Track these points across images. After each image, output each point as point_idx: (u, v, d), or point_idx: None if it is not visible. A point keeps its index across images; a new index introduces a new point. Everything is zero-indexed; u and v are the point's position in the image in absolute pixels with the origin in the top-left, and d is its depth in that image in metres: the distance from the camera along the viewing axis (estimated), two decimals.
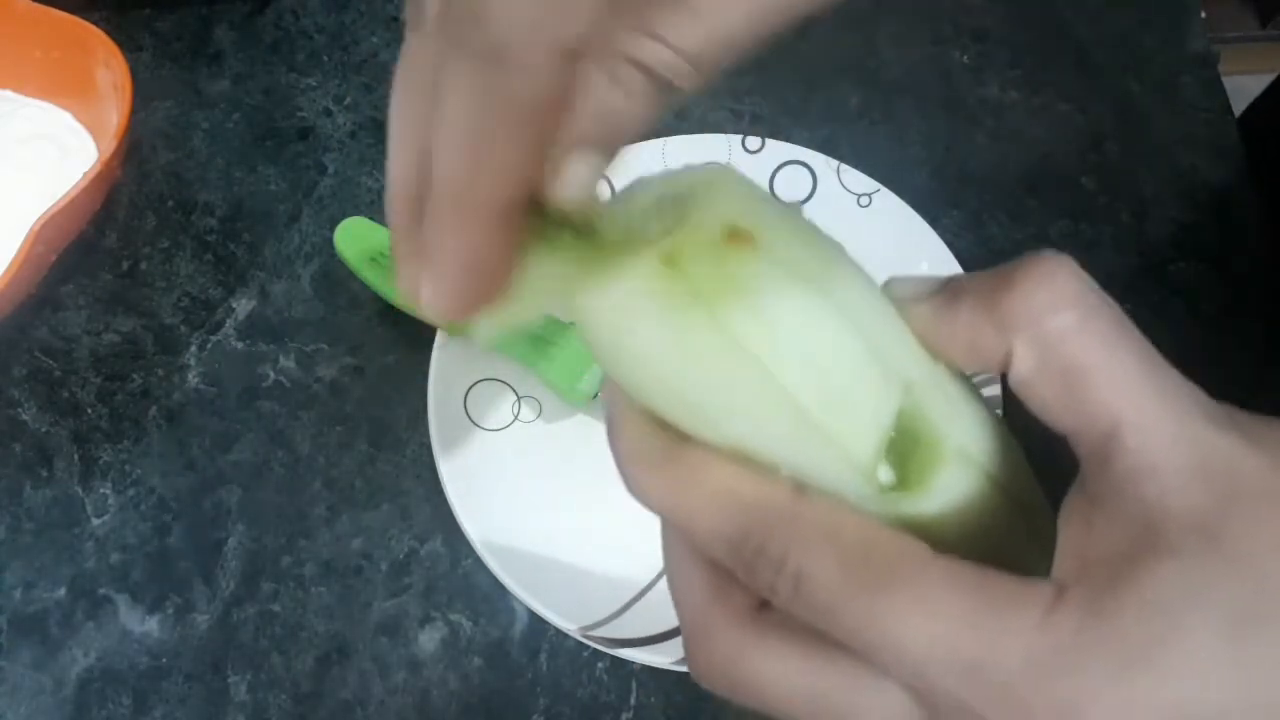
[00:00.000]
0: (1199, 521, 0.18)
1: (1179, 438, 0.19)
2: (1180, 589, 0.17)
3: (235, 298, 0.51)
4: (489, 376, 0.47)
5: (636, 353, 0.21)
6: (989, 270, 0.21)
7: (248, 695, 0.43)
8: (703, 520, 0.21)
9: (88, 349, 0.49)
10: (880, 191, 0.50)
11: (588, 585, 0.42)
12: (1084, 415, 0.20)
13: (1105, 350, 0.20)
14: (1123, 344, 0.20)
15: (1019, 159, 0.55)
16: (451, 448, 0.45)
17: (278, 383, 0.49)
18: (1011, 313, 0.20)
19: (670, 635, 0.41)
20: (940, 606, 0.18)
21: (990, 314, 0.20)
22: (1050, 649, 0.17)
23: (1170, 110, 0.56)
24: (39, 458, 0.47)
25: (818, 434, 0.20)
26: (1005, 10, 0.59)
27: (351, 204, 0.53)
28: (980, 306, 0.21)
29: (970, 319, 0.21)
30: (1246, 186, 0.54)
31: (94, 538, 0.45)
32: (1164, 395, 0.19)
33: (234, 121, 0.55)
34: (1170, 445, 0.19)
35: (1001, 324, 0.20)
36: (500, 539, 0.43)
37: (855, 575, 0.19)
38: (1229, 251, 0.52)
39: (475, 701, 0.43)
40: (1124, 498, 0.19)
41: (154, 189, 0.53)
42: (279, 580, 0.45)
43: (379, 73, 0.57)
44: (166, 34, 0.58)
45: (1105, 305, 0.20)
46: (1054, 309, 0.20)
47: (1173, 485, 0.18)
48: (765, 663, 0.21)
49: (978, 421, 0.22)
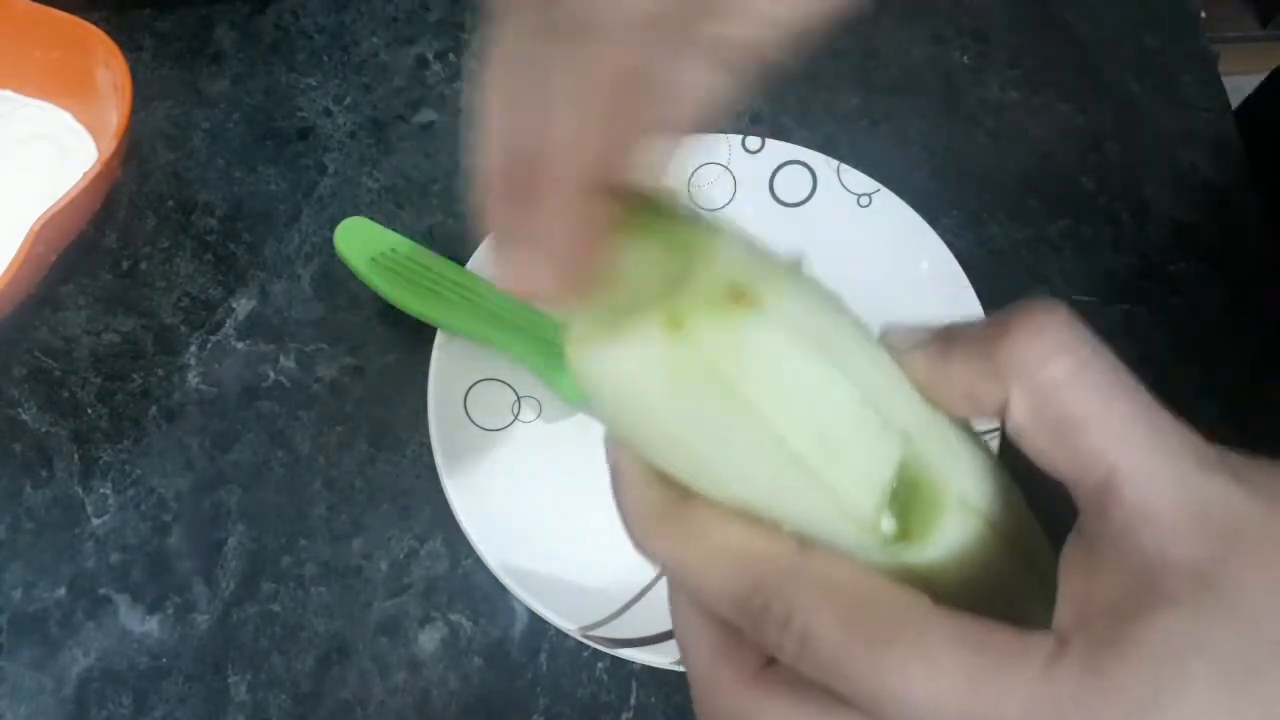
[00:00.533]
0: (1196, 570, 0.18)
1: (1175, 485, 0.19)
2: (1180, 640, 0.18)
3: (235, 298, 0.51)
4: (489, 376, 0.47)
5: (642, 412, 0.21)
6: (984, 319, 0.22)
7: (248, 695, 0.43)
8: (708, 577, 0.21)
9: (88, 349, 0.49)
10: (880, 191, 0.50)
11: (588, 585, 0.42)
12: (1079, 464, 0.20)
13: (1099, 399, 0.20)
14: (1117, 392, 0.20)
15: (1019, 159, 0.55)
16: (451, 448, 0.44)
17: (278, 383, 0.49)
18: (1006, 362, 0.20)
19: (670, 635, 0.41)
20: (941, 661, 0.18)
21: (985, 363, 0.21)
22: (1051, 703, 0.18)
23: (1170, 110, 0.56)
24: (39, 458, 0.47)
25: (821, 489, 0.21)
26: (1005, 10, 0.59)
27: (351, 204, 0.53)
28: (975, 355, 0.21)
29: (966, 368, 0.21)
30: (1246, 186, 0.54)
31: (94, 538, 0.45)
32: (1159, 442, 0.19)
33: (234, 121, 0.55)
34: (1167, 493, 0.19)
35: (997, 372, 0.21)
36: (500, 539, 0.43)
37: (858, 631, 0.19)
38: (1229, 251, 0.52)
39: (475, 701, 0.43)
40: (1122, 547, 0.19)
41: (154, 189, 0.53)
42: (279, 580, 0.45)
43: (379, 73, 0.57)
44: (166, 34, 0.58)
45: (1099, 354, 0.20)
46: (1048, 359, 0.20)
47: (1170, 534, 0.19)
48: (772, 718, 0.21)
49: (977, 468, 0.22)
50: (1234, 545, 0.18)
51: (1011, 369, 0.20)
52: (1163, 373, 0.47)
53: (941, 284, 0.48)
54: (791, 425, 0.20)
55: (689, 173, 0.49)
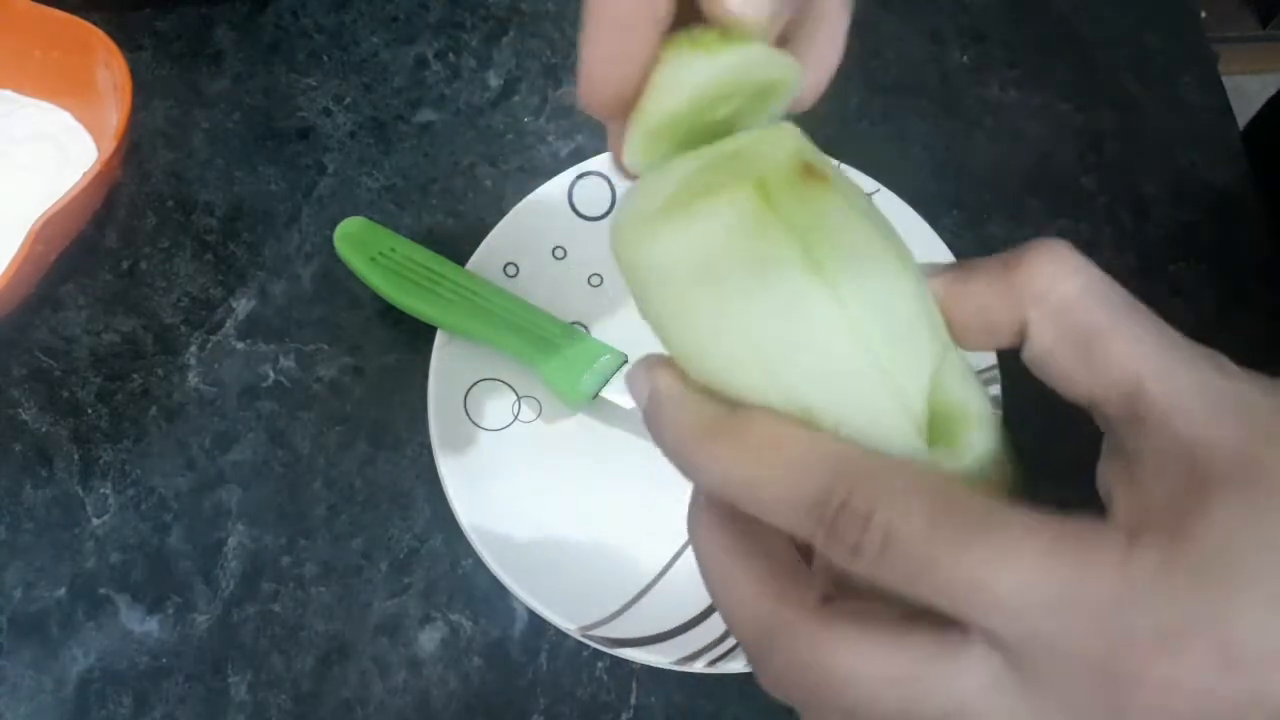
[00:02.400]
0: (1238, 452, 0.19)
1: (1200, 385, 0.20)
2: (1240, 520, 0.18)
3: (235, 297, 0.51)
4: (489, 376, 0.47)
5: (715, 292, 0.20)
6: (997, 255, 0.22)
7: (248, 695, 0.43)
8: (775, 486, 0.20)
9: (88, 349, 0.49)
10: (880, 191, 0.50)
11: (588, 585, 0.42)
12: (1108, 377, 0.21)
13: (1116, 312, 0.21)
14: (1129, 309, 0.21)
15: (1019, 159, 0.55)
16: (451, 447, 0.45)
17: (278, 382, 0.49)
18: (1023, 284, 0.21)
19: (670, 635, 0.41)
20: (1026, 553, 0.18)
21: (1004, 285, 0.22)
22: (1135, 587, 0.18)
23: (1170, 110, 0.56)
24: (39, 458, 0.47)
25: (884, 379, 0.21)
26: (1005, 10, 0.59)
27: (351, 204, 0.53)
28: (993, 281, 0.22)
29: (983, 294, 0.22)
30: (1246, 186, 0.54)
31: (94, 538, 0.45)
32: (1177, 352, 0.21)
33: (234, 121, 0.55)
34: (1194, 389, 0.20)
35: (1014, 296, 0.21)
36: (500, 538, 0.43)
37: (943, 527, 0.19)
38: (1229, 251, 0.52)
39: (475, 701, 0.43)
40: (1163, 445, 0.20)
41: (154, 189, 0.53)
42: (279, 580, 0.45)
43: (379, 72, 0.57)
44: (166, 34, 0.58)
45: (1107, 278, 0.22)
46: (1063, 277, 0.21)
47: (1205, 424, 0.19)
48: (848, 654, 0.20)
49: (982, 391, 0.23)
50: (1264, 432, 0.19)
51: (1030, 290, 0.21)
52: None
53: (909, 233, 0.49)
54: (862, 302, 0.20)
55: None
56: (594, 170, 0.50)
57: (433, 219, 0.53)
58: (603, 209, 0.50)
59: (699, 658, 0.40)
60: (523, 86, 0.56)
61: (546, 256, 0.50)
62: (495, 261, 0.49)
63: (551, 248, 0.50)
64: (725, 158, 0.22)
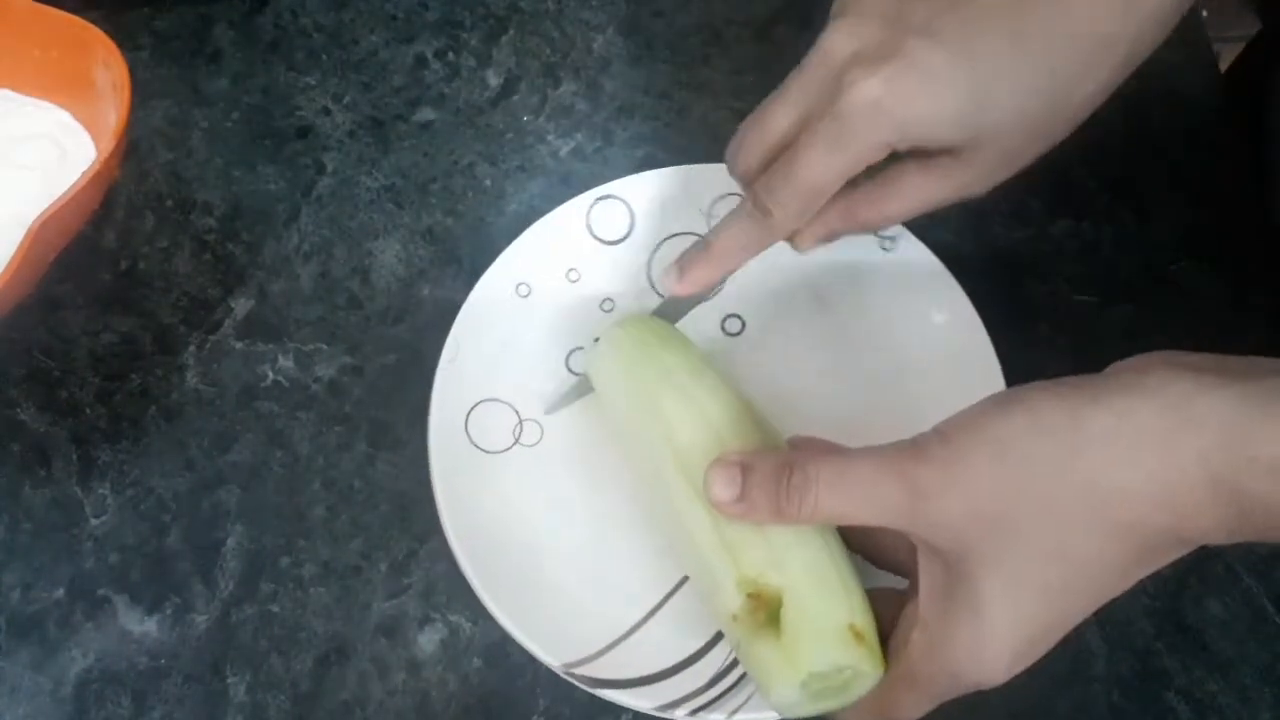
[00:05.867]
0: (980, 533, 0.31)
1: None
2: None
3: (234, 297, 0.51)
4: (491, 397, 0.46)
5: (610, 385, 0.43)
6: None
7: (246, 696, 0.43)
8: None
9: (86, 349, 0.49)
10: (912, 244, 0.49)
11: (573, 620, 0.41)
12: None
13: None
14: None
15: None
16: (450, 467, 0.43)
17: (276, 383, 0.49)
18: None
19: (653, 679, 0.40)
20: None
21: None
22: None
23: (1170, 110, 0.56)
24: (37, 458, 0.47)
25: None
26: None
27: (350, 203, 0.53)
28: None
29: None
30: (1246, 186, 0.54)
31: (93, 538, 0.45)
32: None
33: (233, 120, 0.55)
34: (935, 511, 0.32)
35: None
36: (490, 564, 0.41)
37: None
38: (1229, 251, 0.52)
39: (475, 702, 0.43)
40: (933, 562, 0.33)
41: (153, 188, 0.53)
42: (278, 581, 0.45)
43: (378, 71, 0.57)
44: (165, 33, 0.57)
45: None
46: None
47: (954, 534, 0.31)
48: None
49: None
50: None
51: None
52: None
53: (932, 281, 0.48)
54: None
55: (710, 200, 0.49)
56: (613, 195, 0.49)
57: (432, 218, 0.53)
58: (620, 233, 0.49)
59: (681, 705, 0.39)
60: (522, 85, 0.56)
61: (560, 278, 0.49)
62: (508, 280, 0.47)
63: (566, 269, 0.49)
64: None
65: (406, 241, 0.52)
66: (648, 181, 0.49)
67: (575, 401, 0.46)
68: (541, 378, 0.47)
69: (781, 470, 0.33)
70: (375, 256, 0.52)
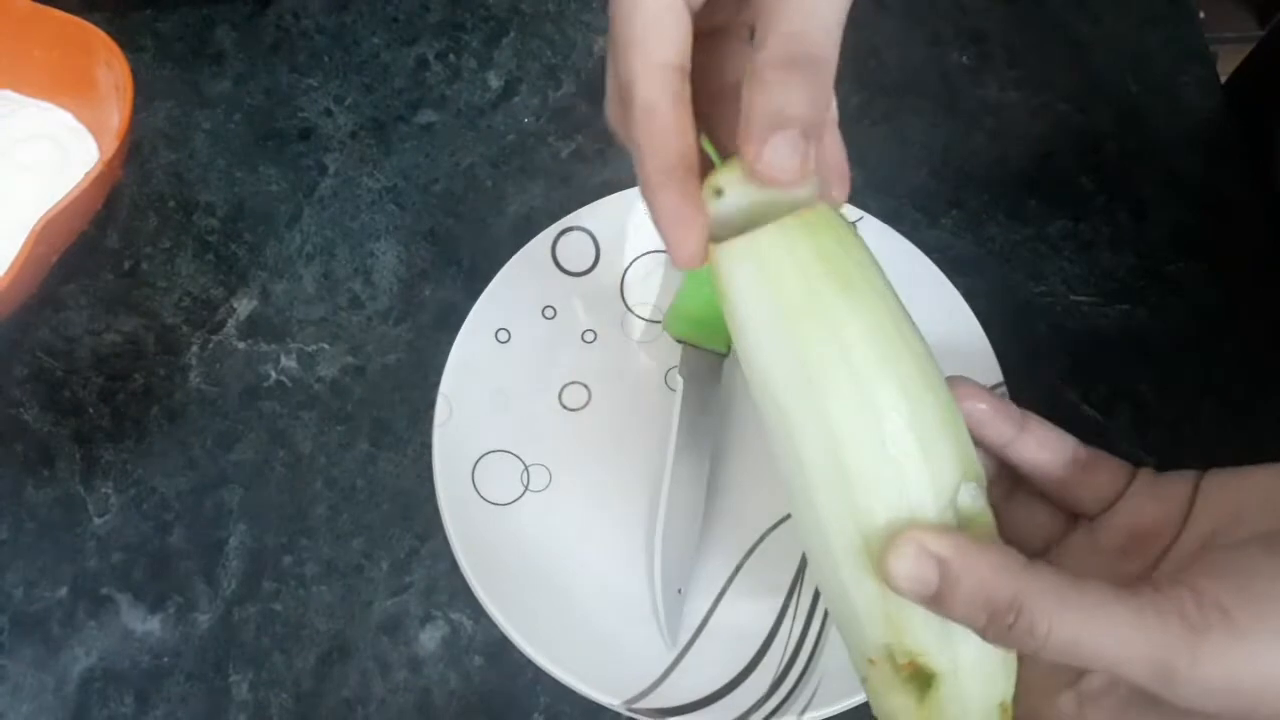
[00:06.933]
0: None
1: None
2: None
3: (236, 297, 0.51)
4: (494, 448, 0.46)
5: (777, 292, 0.29)
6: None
7: (249, 694, 0.43)
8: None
9: (89, 349, 0.49)
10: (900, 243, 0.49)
11: (626, 655, 0.41)
12: None
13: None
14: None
15: (1019, 159, 0.55)
16: (465, 529, 0.43)
17: (279, 382, 0.49)
18: None
19: (718, 696, 0.40)
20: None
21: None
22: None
23: (1170, 110, 0.56)
24: (41, 457, 0.47)
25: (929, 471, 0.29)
26: (1004, 11, 0.59)
27: (352, 204, 0.53)
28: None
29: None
30: (1246, 186, 0.54)
31: (96, 537, 0.46)
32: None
33: (235, 122, 0.55)
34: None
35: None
36: (529, 619, 0.41)
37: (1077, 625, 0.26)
38: (1229, 251, 0.52)
39: (476, 700, 0.43)
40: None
41: (155, 189, 0.53)
42: (280, 579, 0.45)
43: (380, 73, 0.57)
44: (168, 34, 0.58)
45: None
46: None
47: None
48: None
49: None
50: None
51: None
52: (1163, 373, 0.47)
53: (930, 281, 0.48)
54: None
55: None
56: (576, 226, 0.49)
57: (433, 219, 0.53)
58: (588, 263, 0.49)
59: (754, 713, 0.39)
60: (523, 87, 0.57)
61: (537, 317, 0.48)
62: (487, 328, 0.47)
63: (541, 308, 0.48)
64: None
65: (408, 242, 0.52)
66: (609, 206, 0.50)
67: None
68: (538, 419, 0.47)
69: (996, 598, 0.26)
70: (377, 257, 0.52)
